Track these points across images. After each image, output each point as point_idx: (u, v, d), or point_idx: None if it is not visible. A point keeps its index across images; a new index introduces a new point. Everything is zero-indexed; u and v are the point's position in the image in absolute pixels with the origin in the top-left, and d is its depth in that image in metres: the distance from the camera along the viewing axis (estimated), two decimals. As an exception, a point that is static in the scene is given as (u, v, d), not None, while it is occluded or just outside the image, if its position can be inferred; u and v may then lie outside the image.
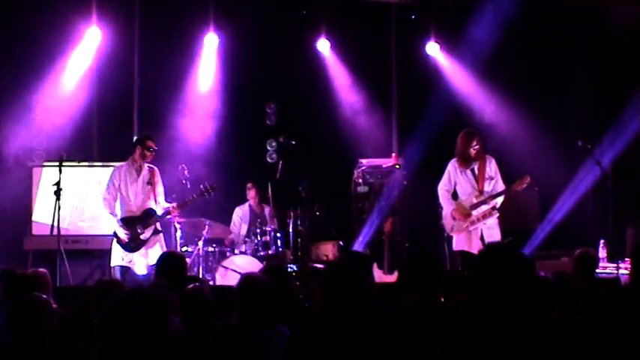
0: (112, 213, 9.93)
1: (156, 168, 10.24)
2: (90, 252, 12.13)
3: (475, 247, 9.57)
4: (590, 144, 10.01)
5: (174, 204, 10.11)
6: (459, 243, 9.76)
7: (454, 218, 9.77)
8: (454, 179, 9.82)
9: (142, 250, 9.88)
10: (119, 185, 9.95)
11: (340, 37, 13.54)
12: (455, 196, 9.88)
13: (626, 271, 9.28)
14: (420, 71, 13.24)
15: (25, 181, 12.46)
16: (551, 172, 11.38)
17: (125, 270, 9.85)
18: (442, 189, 9.88)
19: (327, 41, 13.59)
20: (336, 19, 13.39)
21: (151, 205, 9.99)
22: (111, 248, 10.04)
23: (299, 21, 13.40)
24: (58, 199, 9.51)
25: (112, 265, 9.96)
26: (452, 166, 9.83)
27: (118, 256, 9.88)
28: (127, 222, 9.87)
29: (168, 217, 10.23)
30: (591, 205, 11.51)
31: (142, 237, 9.87)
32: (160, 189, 10.17)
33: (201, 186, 10.38)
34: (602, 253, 10.55)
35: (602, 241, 10.60)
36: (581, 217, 11.49)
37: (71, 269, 11.20)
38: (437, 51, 13.58)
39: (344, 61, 13.66)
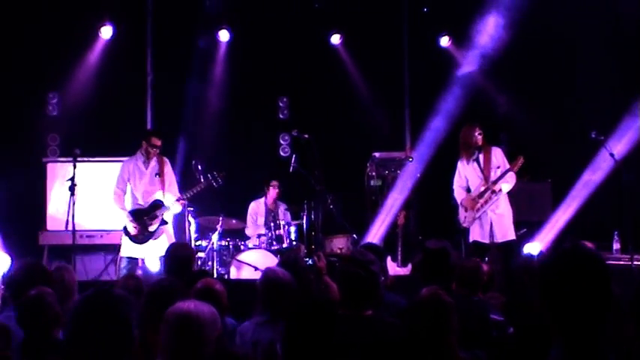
0: (122, 207, 10.05)
1: (166, 158, 10.31)
2: (104, 247, 12.18)
3: (487, 237, 9.71)
4: (603, 135, 9.95)
5: (181, 197, 10.22)
6: (472, 234, 9.87)
7: (465, 209, 9.88)
8: (464, 174, 9.99)
9: (151, 242, 9.99)
10: (128, 179, 10.08)
11: (352, 30, 13.54)
12: (469, 192, 9.98)
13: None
14: (432, 64, 13.21)
15: (40, 176, 12.53)
16: (564, 163, 11.35)
17: (132, 261, 9.98)
18: (456, 186, 10.07)
19: (339, 34, 13.60)
20: (348, 12, 13.38)
21: (159, 196, 10.08)
22: (121, 241, 10.15)
23: (311, 14, 13.39)
24: (72, 194, 9.56)
25: (121, 255, 10.10)
26: (459, 162, 10.03)
27: (127, 248, 10.02)
28: (135, 215, 9.98)
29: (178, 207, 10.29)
30: (605, 197, 11.45)
31: (149, 229, 9.98)
32: (170, 179, 10.26)
33: (209, 175, 10.46)
34: (616, 244, 10.54)
35: (615, 233, 10.59)
36: (595, 208, 11.45)
37: (86, 264, 11.30)
38: (449, 43, 13.57)
39: (356, 54, 13.66)
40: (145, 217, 9.97)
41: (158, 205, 10.05)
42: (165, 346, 3.67)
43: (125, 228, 9.98)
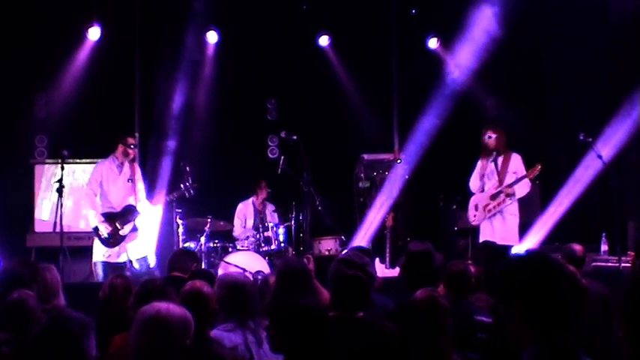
0: (93, 208, 10.01)
1: (137, 165, 10.32)
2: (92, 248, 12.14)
3: (496, 237, 9.86)
4: (591, 137, 10.01)
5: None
6: (483, 234, 10.07)
7: (476, 207, 10.12)
8: (480, 172, 10.21)
9: (125, 246, 10.00)
10: (101, 181, 10.05)
11: (341, 32, 13.53)
12: (482, 191, 10.21)
13: (628, 264, 9.32)
14: (420, 66, 13.20)
15: (27, 178, 12.49)
16: (552, 165, 11.37)
17: (106, 265, 9.93)
18: (471, 183, 10.32)
19: (328, 36, 13.58)
20: (337, 14, 13.38)
21: (131, 201, 10.07)
22: (92, 244, 10.12)
23: (299, 16, 13.39)
24: (60, 196, 9.53)
25: (94, 260, 10.04)
26: (479, 160, 10.27)
27: (99, 252, 9.98)
28: (107, 217, 9.95)
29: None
30: (593, 199, 11.48)
31: (120, 233, 9.96)
32: (140, 185, 10.27)
33: (181, 185, 10.54)
34: (604, 246, 10.56)
35: (603, 235, 10.61)
36: (583, 210, 11.48)
37: (74, 266, 11.25)
38: (437, 45, 13.57)
39: (345, 55, 13.65)
40: (117, 221, 9.95)
41: (131, 210, 10.04)
42: (131, 345, 3.68)
43: (96, 229, 9.94)
